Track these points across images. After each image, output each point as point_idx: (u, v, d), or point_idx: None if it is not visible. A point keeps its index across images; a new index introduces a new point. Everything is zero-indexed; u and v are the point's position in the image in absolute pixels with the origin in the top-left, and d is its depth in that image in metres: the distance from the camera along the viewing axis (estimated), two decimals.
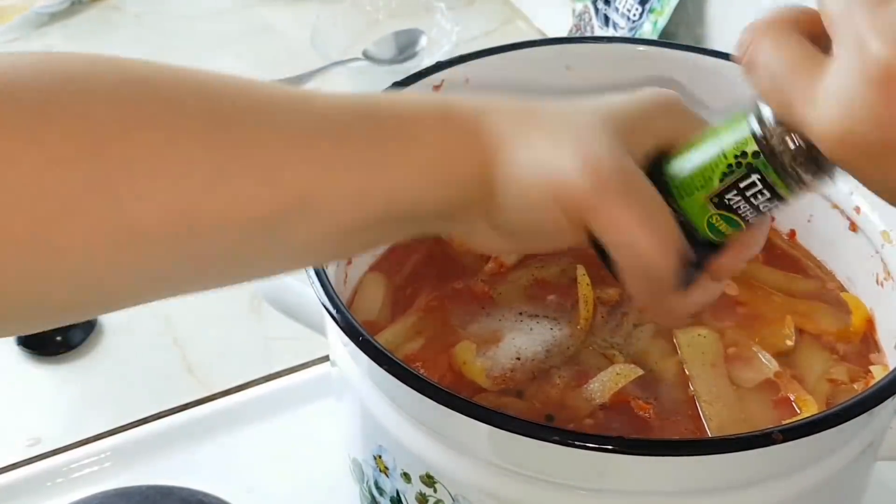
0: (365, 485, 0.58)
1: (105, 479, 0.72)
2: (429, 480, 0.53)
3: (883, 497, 0.68)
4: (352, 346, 0.50)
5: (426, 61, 1.06)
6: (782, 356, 0.60)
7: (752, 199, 0.42)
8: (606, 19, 1.02)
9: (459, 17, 1.16)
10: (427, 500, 0.53)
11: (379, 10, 1.15)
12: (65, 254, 0.35)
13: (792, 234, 0.68)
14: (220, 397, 0.79)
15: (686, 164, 0.44)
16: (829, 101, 0.37)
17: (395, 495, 0.56)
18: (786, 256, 0.68)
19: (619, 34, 1.00)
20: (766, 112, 0.41)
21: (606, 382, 0.57)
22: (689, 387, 0.58)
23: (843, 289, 0.65)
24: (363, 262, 0.66)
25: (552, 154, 0.42)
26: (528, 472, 0.50)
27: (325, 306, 0.52)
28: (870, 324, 0.63)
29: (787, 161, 0.41)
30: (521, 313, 0.62)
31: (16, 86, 0.35)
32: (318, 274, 0.53)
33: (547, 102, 0.45)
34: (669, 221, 0.43)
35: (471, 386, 0.58)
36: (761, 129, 0.41)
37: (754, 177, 0.42)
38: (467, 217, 0.44)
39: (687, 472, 0.49)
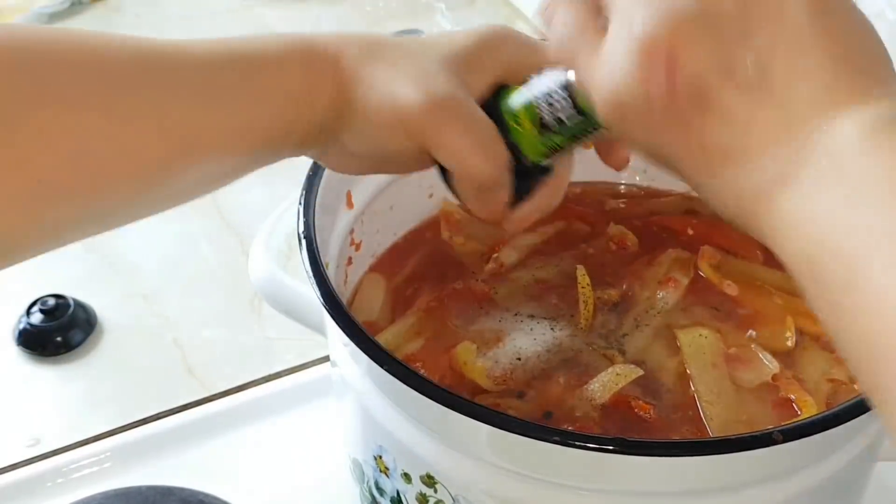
0: (365, 485, 0.58)
1: (105, 479, 0.72)
2: (429, 481, 0.53)
3: (883, 497, 0.68)
4: (352, 346, 0.50)
5: None
6: (782, 356, 0.60)
7: (564, 122, 0.47)
8: None
9: (459, 17, 1.16)
10: (427, 501, 0.53)
11: (379, 10, 1.15)
12: None
13: None
14: (220, 398, 0.79)
15: (517, 96, 0.49)
16: (602, 71, 0.40)
17: (395, 495, 0.56)
18: None
19: None
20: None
21: (606, 382, 0.57)
22: (689, 387, 0.58)
23: None
24: (363, 262, 0.66)
25: (398, 84, 0.48)
26: (528, 472, 0.50)
27: (325, 306, 0.52)
28: None
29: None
30: (520, 313, 0.62)
31: None
32: (317, 274, 0.53)
33: (394, 38, 0.51)
34: (495, 140, 0.49)
35: (471, 386, 0.58)
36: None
37: (565, 101, 0.47)
38: (324, 140, 0.49)
39: (687, 472, 0.49)
